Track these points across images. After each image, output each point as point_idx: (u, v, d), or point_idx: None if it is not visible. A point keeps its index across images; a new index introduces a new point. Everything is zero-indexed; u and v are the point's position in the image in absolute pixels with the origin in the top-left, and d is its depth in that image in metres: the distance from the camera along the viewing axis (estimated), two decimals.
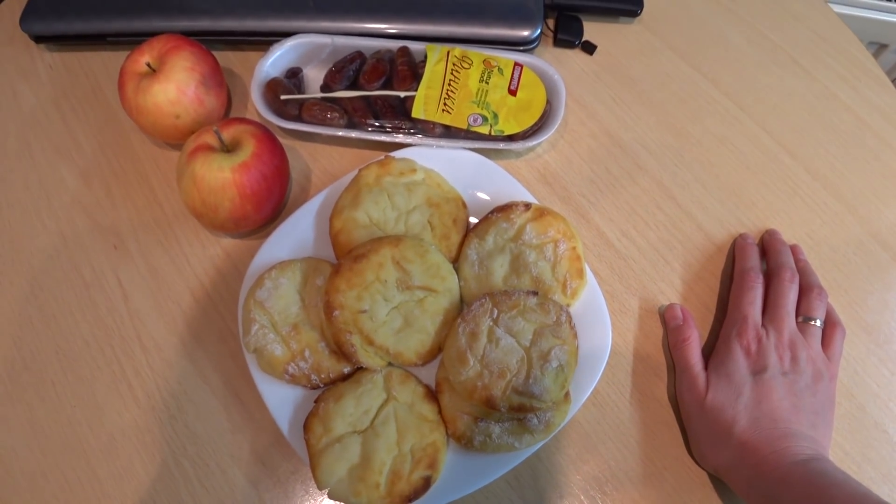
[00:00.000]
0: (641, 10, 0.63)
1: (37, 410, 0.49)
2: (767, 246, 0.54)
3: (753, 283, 0.50)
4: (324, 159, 0.58)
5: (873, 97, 0.62)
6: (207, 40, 0.58)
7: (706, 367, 0.48)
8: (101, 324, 0.52)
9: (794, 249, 0.54)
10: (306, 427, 0.44)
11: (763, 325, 0.48)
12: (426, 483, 0.42)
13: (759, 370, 0.46)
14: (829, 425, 0.46)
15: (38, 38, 0.62)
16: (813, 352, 0.47)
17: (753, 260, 0.52)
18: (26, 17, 0.61)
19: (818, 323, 0.49)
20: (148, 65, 0.53)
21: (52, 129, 0.60)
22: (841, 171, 0.58)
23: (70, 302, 0.53)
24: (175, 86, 0.52)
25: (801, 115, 0.61)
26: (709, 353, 0.49)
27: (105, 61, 0.63)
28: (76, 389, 0.50)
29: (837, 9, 0.93)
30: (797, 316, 0.49)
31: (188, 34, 0.56)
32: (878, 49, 1.10)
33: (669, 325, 0.51)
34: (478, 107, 0.54)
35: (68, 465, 0.47)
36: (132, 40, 0.60)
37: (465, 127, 0.54)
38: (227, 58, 0.62)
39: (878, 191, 0.58)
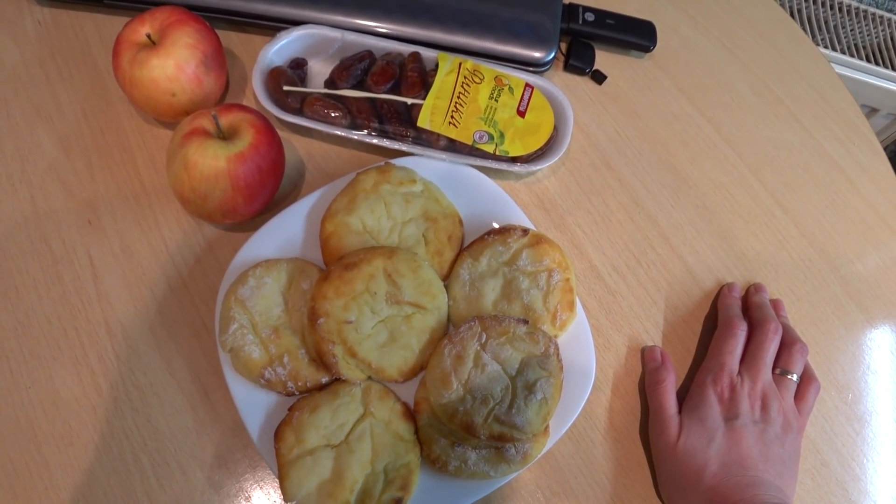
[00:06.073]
0: (654, 47, 0.63)
1: None
2: (751, 299, 0.54)
3: (737, 332, 0.50)
4: (319, 157, 0.56)
5: (864, 160, 0.63)
6: (210, 17, 0.56)
7: (680, 410, 0.48)
8: (66, 302, 0.49)
9: (776, 305, 0.54)
10: (278, 435, 0.42)
11: (739, 372, 0.49)
12: None
13: (731, 417, 0.46)
14: (794, 476, 0.47)
15: None
16: (785, 404, 0.48)
17: (738, 309, 0.53)
18: None
19: (794, 377, 0.49)
20: (148, 36, 0.50)
21: (35, 89, 0.56)
22: (828, 230, 0.59)
23: (35, 275, 0.50)
24: (174, 62, 0.49)
25: (796, 170, 0.62)
26: (683, 394, 0.50)
27: (99, 24, 0.60)
28: (33, 369, 0.47)
29: (837, 69, 0.96)
30: (775, 368, 0.50)
31: (192, 8, 0.53)
32: (870, 112, 1.13)
33: (648, 366, 0.51)
34: (485, 124, 0.53)
35: (17, 449, 0.44)
36: (131, 6, 0.58)
37: (470, 143, 0.53)
38: (228, 38, 0.60)
39: (860, 253, 0.59)
